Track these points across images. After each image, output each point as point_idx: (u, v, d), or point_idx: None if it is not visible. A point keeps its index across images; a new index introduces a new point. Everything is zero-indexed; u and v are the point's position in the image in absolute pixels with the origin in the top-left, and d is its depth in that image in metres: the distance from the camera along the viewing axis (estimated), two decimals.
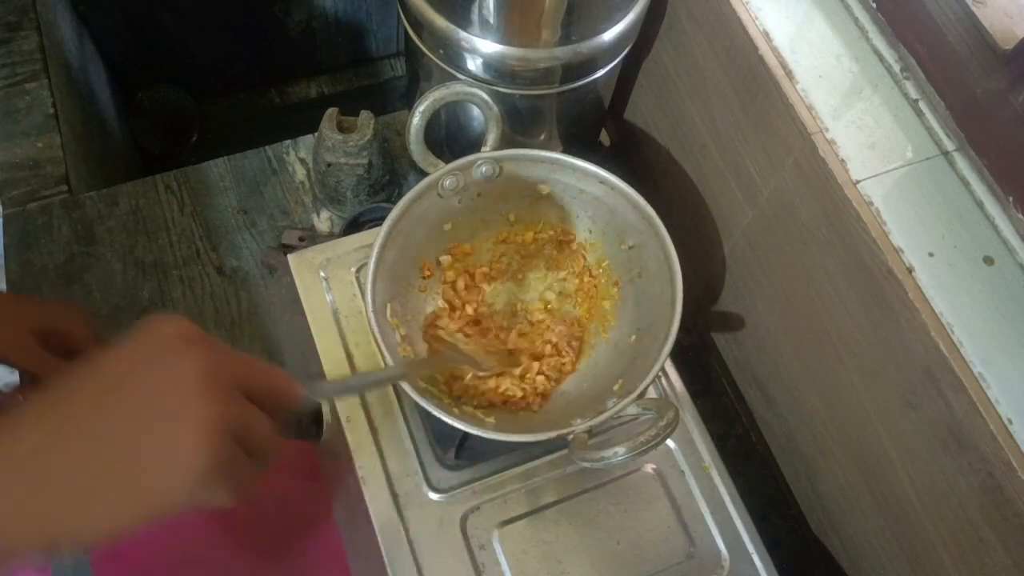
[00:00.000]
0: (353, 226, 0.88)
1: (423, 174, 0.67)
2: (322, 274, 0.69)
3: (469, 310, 0.69)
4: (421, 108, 0.67)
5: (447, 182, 0.67)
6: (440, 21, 0.77)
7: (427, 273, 0.69)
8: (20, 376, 0.69)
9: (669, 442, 0.66)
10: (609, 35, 0.78)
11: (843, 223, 0.65)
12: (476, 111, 0.75)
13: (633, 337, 0.66)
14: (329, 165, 0.86)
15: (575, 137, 0.94)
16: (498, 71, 0.78)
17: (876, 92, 0.69)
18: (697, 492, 0.65)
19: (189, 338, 0.37)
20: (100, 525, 0.35)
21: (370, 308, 0.60)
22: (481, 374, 0.64)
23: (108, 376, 0.36)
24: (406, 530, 0.60)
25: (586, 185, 0.68)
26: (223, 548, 0.76)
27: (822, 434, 0.77)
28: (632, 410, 0.57)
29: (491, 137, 0.70)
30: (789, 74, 0.70)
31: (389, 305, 0.63)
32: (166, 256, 0.88)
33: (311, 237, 0.90)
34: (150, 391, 0.35)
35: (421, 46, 0.81)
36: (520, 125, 0.86)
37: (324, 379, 0.64)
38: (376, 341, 0.59)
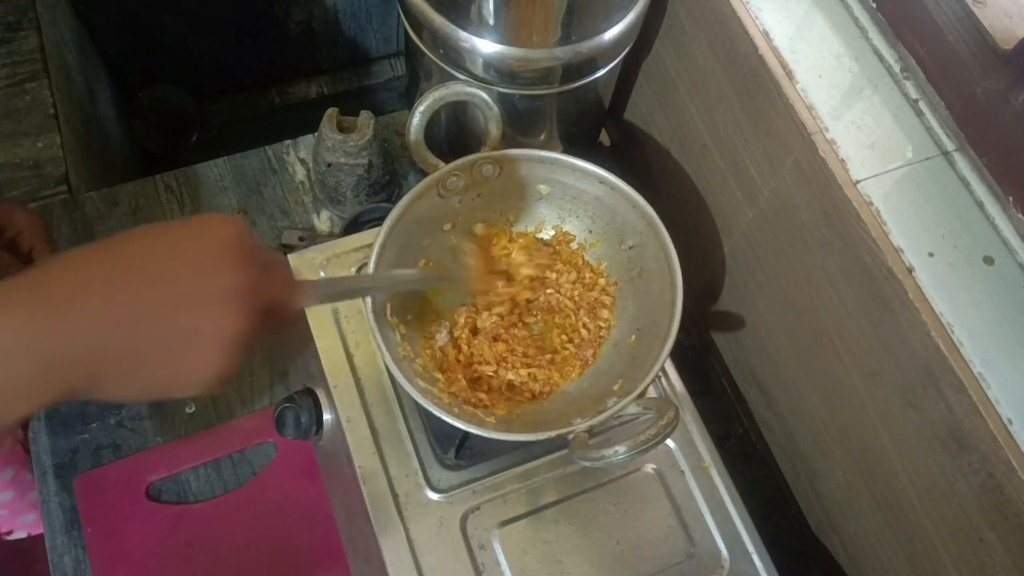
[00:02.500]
0: (353, 226, 0.88)
1: (423, 174, 0.67)
2: (322, 274, 0.69)
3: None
4: (421, 108, 0.67)
5: (448, 182, 0.67)
6: (440, 21, 0.77)
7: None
8: None
9: (669, 442, 0.66)
10: (609, 35, 0.78)
11: (843, 223, 0.65)
12: (476, 111, 0.75)
13: (633, 337, 0.66)
14: (329, 165, 0.86)
15: (575, 137, 0.94)
16: (498, 71, 0.78)
17: (876, 92, 0.69)
18: (697, 492, 0.65)
19: (240, 247, 0.39)
20: (106, 387, 0.37)
21: (370, 308, 0.59)
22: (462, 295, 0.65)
23: (154, 248, 0.38)
24: (406, 530, 0.60)
25: (586, 185, 0.68)
26: (223, 548, 0.76)
27: (822, 434, 0.77)
28: (632, 410, 0.57)
29: (491, 137, 0.70)
30: (789, 74, 0.70)
31: (389, 305, 0.63)
32: None
33: (311, 237, 0.90)
34: (191, 288, 0.37)
35: (421, 46, 0.81)
36: (520, 125, 0.86)
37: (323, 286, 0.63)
38: (376, 341, 0.59)
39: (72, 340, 0.35)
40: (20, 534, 0.99)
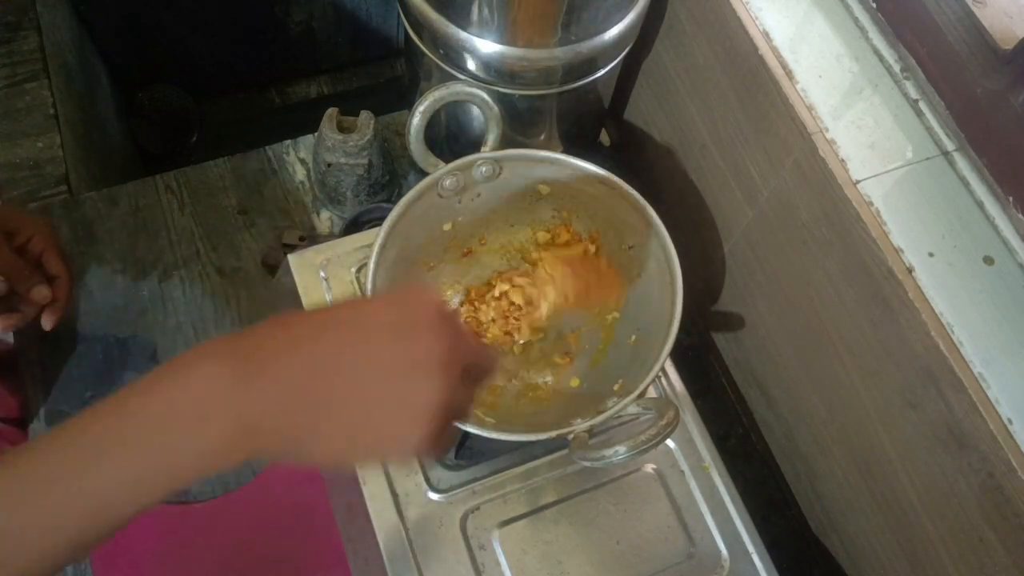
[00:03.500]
0: (353, 226, 0.88)
1: (423, 174, 0.67)
2: (322, 274, 0.69)
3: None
4: (421, 108, 0.67)
5: (447, 182, 0.67)
6: (440, 21, 0.77)
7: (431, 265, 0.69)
8: (14, 336, 0.69)
9: (669, 442, 0.66)
10: (609, 35, 0.78)
11: (843, 223, 0.65)
12: (476, 111, 0.75)
13: (633, 337, 0.66)
14: (329, 165, 0.86)
15: (575, 137, 0.94)
16: (498, 71, 0.78)
17: (876, 92, 0.69)
18: (697, 492, 0.65)
19: (438, 317, 0.39)
20: (306, 453, 0.37)
21: None
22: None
23: (357, 320, 0.38)
24: (406, 530, 0.60)
25: (586, 185, 0.68)
26: (223, 548, 0.76)
27: (822, 434, 0.77)
28: (632, 410, 0.57)
29: (491, 137, 0.70)
30: (789, 74, 0.70)
31: None
32: (166, 256, 0.88)
33: (311, 237, 0.90)
34: (395, 357, 0.37)
35: (421, 46, 0.81)
36: (520, 125, 0.86)
37: None
38: None
39: (268, 403, 0.35)
40: None
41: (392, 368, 0.37)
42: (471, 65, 0.78)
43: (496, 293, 0.70)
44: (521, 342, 0.68)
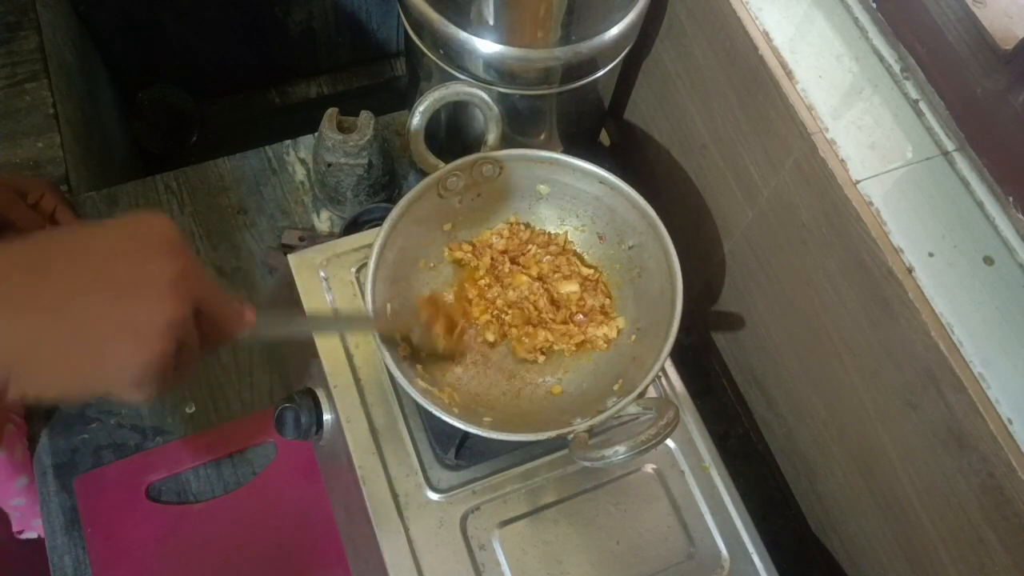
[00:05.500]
0: (353, 226, 0.88)
1: (423, 174, 0.67)
2: (322, 274, 0.69)
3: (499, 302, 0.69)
4: (421, 108, 0.67)
5: (447, 182, 0.67)
6: (440, 21, 0.77)
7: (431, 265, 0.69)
8: None
9: (669, 442, 0.66)
10: (609, 35, 0.78)
11: (843, 223, 0.65)
12: (476, 111, 0.75)
13: (633, 337, 0.66)
14: (329, 165, 0.86)
15: (575, 137, 0.94)
16: (498, 71, 0.78)
17: (876, 92, 0.69)
18: (697, 492, 0.65)
19: (172, 242, 0.39)
20: (33, 380, 0.36)
21: (370, 308, 0.60)
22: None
23: (89, 244, 0.38)
24: (406, 530, 0.60)
25: (586, 185, 0.68)
26: (223, 548, 0.76)
27: (822, 434, 0.77)
28: (632, 409, 0.57)
29: (491, 137, 0.71)
30: (789, 74, 0.70)
31: (389, 305, 0.63)
32: None
33: (311, 237, 0.90)
34: (123, 278, 0.37)
35: (421, 46, 0.81)
36: (520, 125, 0.86)
37: (287, 316, 0.63)
38: (376, 341, 0.59)
39: None
40: (31, 534, 1.01)
41: (119, 288, 0.36)
42: (471, 65, 0.78)
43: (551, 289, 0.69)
44: (491, 340, 0.68)
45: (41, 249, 0.37)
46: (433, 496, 0.62)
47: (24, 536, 1.02)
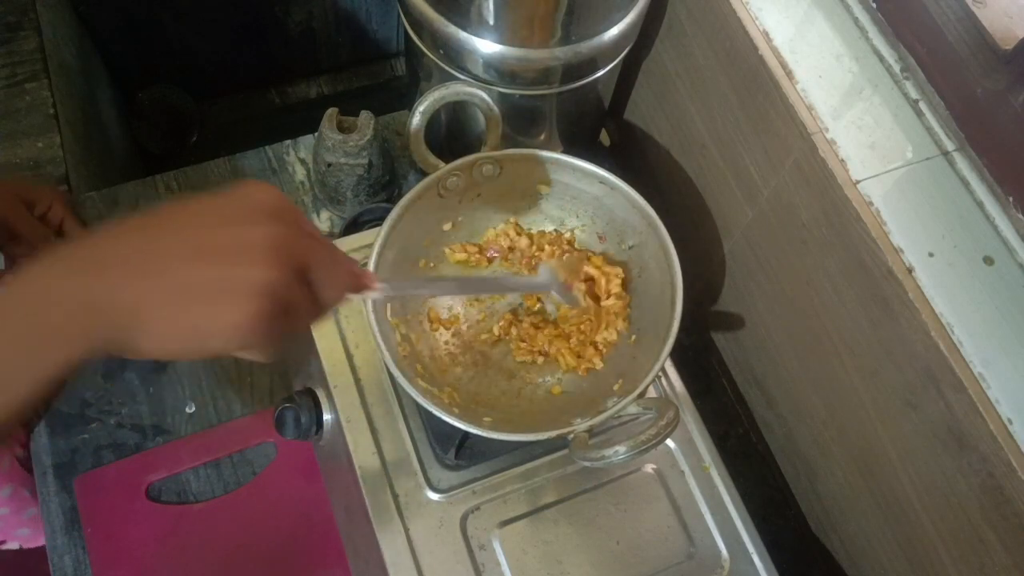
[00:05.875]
0: (353, 226, 0.88)
1: (423, 174, 0.67)
2: None
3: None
4: (421, 108, 0.67)
5: (448, 182, 0.67)
6: (440, 21, 0.77)
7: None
8: (4, 259, 0.75)
9: (669, 442, 0.66)
10: (609, 35, 0.78)
11: (843, 223, 0.65)
12: (476, 111, 0.75)
13: (633, 337, 0.66)
14: (329, 165, 0.86)
15: (575, 137, 0.94)
16: (498, 71, 0.78)
17: (876, 92, 0.69)
18: (697, 492, 0.65)
19: (275, 209, 0.40)
20: (149, 339, 0.38)
21: (370, 308, 0.60)
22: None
23: (196, 213, 0.40)
24: (406, 530, 0.60)
25: (586, 185, 0.68)
26: (223, 548, 0.76)
27: (822, 434, 0.77)
28: (632, 409, 0.57)
29: (491, 137, 0.70)
30: (789, 74, 0.70)
31: (389, 305, 0.63)
32: None
33: None
34: (224, 243, 0.38)
35: (421, 46, 0.81)
36: (520, 125, 0.86)
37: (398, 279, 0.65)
38: (376, 341, 0.59)
39: (109, 284, 0.37)
40: (12, 545, 1.01)
41: (220, 253, 0.38)
42: (471, 65, 0.78)
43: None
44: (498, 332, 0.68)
45: (155, 218, 0.39)
46: (433, 496, 0.62)
47: (5, 547, 1.01)
